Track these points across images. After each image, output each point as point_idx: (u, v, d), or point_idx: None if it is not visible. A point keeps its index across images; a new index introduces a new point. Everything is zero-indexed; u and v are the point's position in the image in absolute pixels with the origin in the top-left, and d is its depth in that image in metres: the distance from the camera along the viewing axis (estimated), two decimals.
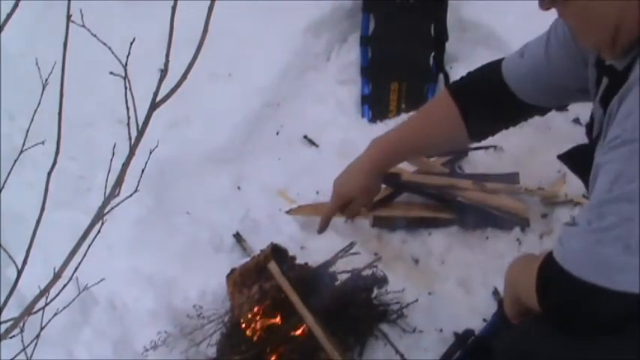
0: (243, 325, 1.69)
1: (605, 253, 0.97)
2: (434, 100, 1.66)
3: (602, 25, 1.05)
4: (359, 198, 1.77)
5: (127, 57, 0.96)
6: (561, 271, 1.02)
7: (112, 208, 0.98)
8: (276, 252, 1.79)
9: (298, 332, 1.67)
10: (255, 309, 1.70)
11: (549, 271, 1.06)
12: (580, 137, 1.34)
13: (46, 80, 1.04)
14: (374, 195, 1.81)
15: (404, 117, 2.57)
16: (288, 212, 2.13)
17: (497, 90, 1.52)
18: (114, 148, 1.06)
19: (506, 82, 1.50)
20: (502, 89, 1.51)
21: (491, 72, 1.55)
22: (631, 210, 0.95)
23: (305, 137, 2.49)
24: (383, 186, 2.17)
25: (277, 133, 2.52)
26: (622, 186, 0.96)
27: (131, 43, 0.98)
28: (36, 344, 1.10)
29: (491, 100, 1.54)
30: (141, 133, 0.93)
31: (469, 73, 1.63)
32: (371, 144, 1.72)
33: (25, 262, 1.01)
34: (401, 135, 1.71)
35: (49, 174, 1.01)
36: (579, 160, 1.26)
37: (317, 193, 2.24)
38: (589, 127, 1.27)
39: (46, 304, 1.05)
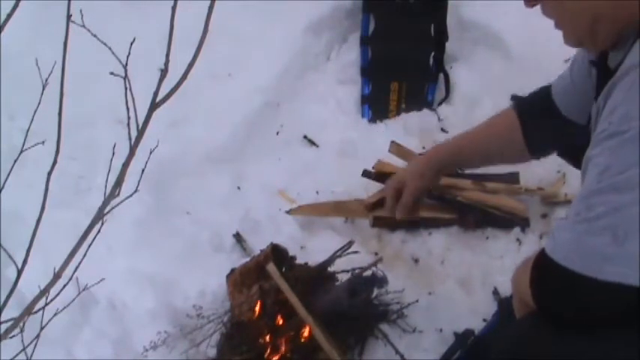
0: (244, 326, 1.69)
1: (594, 243, 0.97)
2: (499, 113, 1.67)
3: (580, 17, 1.07)
4: (411, 183, 1.71)
5: (127, 57, 0.96)
6: (551, 263, 1.02)
7: (112, 208, 0.98)
8: (276, 252, 1.79)
9: (298, 333, 1.67)
10: (256, 309, 1.70)
11: (541, 264, 1.07)
12: None
13: (46, 80, 1.03)
14: (426, 186, 1.75)
15: (404, 117, 2.58)
16: (288, 212, 2.13)
17: (548, 107, 1.54)
18: (114, 148, 1.05)
19: (554, 100, 1.52)
20: (552, 107, 1.53)
21: (544, 90, 1.57)
22: (619, 200, 0.95)
23: (305, 137, 2.49)
24: (383, 186, 2.18)
25: (277, 133, 2.52)
26: (610, 177, 0.96)
27: (131, 43, 0.98)
28: (36, 344, 1.10)
29: (545, 118, 1.56)
30: (141, 133, 0.93)
31: (533, 91, 1.64)
32: (433, 147, 1.78)
33: (25, 262, 1.01)
34: (462, 141, 1.72)
35: (49, 174, 1.01)
36: (580, 156, 1.26)
37: (317, 193, 2.24)
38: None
39: (46, 304, 1.05)
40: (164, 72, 0.91)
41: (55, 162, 0.99)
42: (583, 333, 1.05)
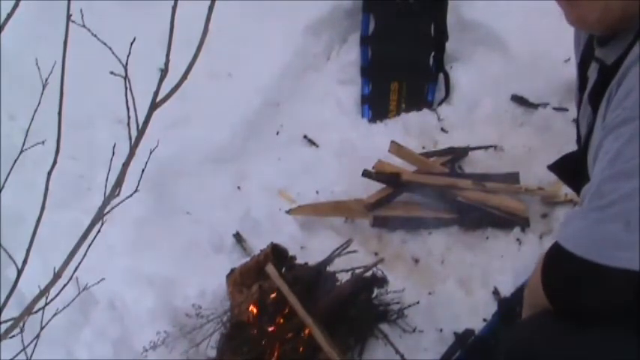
0: (244, 326, 1.69)
1: (606, 230, 0.96)
2: None
3: None
4: None
5: (127, 57, 0.95)
6: (562, 251, 1.01)
7: (112, 208, 0.98)
8: (276, 252, 1.79)
9: (298, 333, 1.67)
10: (256, 310, 1.70)
11: (552, 254, 1.05)
12: None
13: (46, 80, 1.03)
14: None
15: (404, 117, 2.58)
16: (288, 212, 2.13)
17: None
18: (114, 148, 1.05)
19: None
20: None
21: None
22: (631, 186, 0.93)
23: (305, 137, 2.49)
24: (383, 186, 2.18)
25: (277, 133, 2.52)
26: (622, 163, 0.95)
27: (131, 43, 0.98)
28: (36, 344, 1.10)
29: None
30: (141, 133, 0.93)
31: None
32: None
33: (25, 262, 1.01)
34: None
35: (49, 174, 1.00)
36: (568, 168, 1.25)
37: (317, 193, 2.24)
38: (578, 136, 1.26)
39: (46, 304, 1.05)
40: (164, 72, 0.91)
41: (55, 162, 0.99)
42: (587, 334, 1.05)
